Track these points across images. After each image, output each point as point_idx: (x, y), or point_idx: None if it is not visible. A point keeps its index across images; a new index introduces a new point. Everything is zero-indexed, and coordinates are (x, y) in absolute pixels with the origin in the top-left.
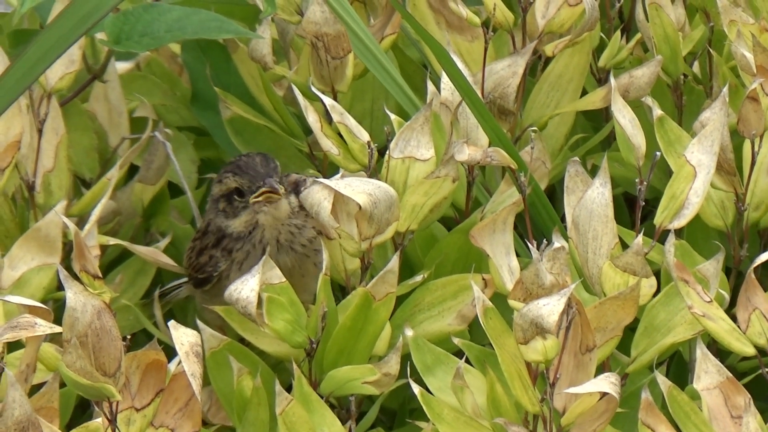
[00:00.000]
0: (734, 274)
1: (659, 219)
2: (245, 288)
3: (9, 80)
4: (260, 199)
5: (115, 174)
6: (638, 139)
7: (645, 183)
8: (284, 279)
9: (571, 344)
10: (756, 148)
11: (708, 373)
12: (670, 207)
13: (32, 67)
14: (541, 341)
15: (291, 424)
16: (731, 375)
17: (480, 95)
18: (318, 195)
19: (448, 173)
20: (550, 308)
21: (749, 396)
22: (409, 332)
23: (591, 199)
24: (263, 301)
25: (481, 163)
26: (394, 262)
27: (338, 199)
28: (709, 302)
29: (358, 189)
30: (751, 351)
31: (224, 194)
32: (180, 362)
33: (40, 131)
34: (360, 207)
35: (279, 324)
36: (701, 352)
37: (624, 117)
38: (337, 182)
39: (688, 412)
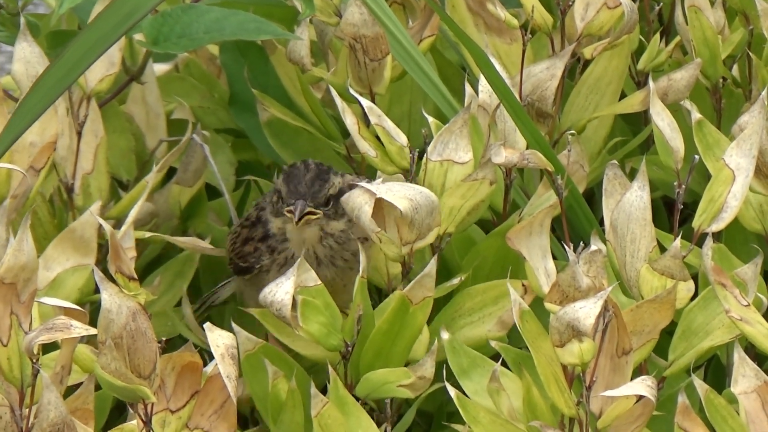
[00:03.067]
0: None
1: (698, 222)
2: (279, 291)
3: (48, 82)
4: (285, 214)
5: (152, 177)
6: (677, 142)
7: (683, 186)
8: (319, 282)
9: (608, 347)
10: None
11: (746, 377)
12: (708, 210)
13: (71, 69)
14: (578, 344)
15: (326, 427)
16: None
17: (518, 98)
18: (359, 199)
19: (486, 176)
20: (586, 311)
21: None
22: (445, 335)
23: (629, 203)
24: (298, 304)
25: (518, 165)
26: (432, 266)
27: (379, 203)
28: (746, 306)
29: (399, 194)
30: None
31: (277, 190)
32: (216, 364)
33: (79, 133)
34: (401, 212)
35: (314, 327)
36: (739, 355)
37: (662, 120)
38: (378, 187)
39: (725, 416)
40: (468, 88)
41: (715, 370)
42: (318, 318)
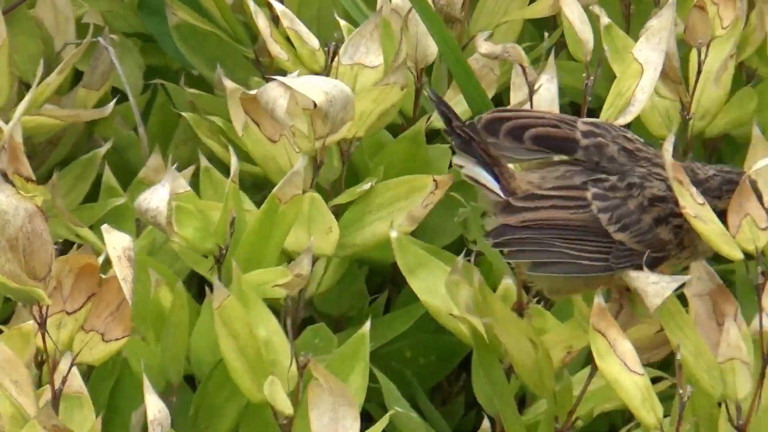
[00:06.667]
0: None
1: (605, 116)
2: (154, 198)
3: None
4: None
5: (53, 78)
6: (586, 34)
7: (592, 78)
8: (189, 188)
9: None
10: (702, 57)
11: (701, 280)
12: (615, 104)
13: None
14: None
15: (227, 320)
16: (722, 282)
17: (431, 3)
18: (274, 92)
19: (397, 81)
20: None
21: (738, 304)
22: (394, 233)
23: (538, 96)
24: (173, 210)
25: (499, 58)
26: (301, 163)
27: (292, 97)
28: (701, 204)
29: (315, 87)
30: (738, 255)
31: None
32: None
33: None
34: (315, 105)
35: (188, 232)
36: None
37: (572, 12)
38: (293, 80)
39: (674, 312)
40: None
41: None
42: (192, 223)
